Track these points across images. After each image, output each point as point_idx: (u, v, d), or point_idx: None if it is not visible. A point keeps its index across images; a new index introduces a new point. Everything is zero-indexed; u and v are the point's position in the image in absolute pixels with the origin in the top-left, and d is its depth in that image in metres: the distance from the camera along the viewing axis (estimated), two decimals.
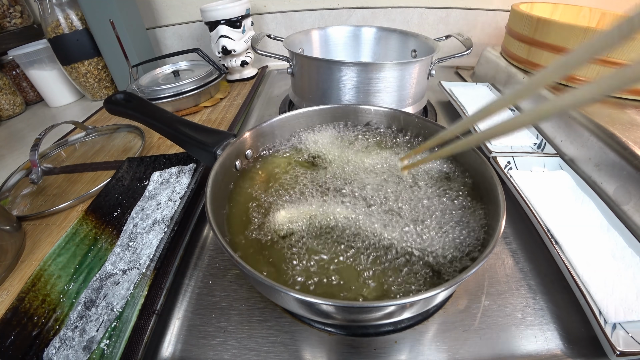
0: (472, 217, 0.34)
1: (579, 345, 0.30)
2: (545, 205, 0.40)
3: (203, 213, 0.45)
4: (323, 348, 0.31)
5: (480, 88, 0.70)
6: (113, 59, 0.82)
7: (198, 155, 0.43)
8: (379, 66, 0.55)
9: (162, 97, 0.70)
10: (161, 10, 0.92)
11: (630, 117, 0.47)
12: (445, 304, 0.34)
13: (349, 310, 0.25)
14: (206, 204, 0.31)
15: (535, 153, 0.49)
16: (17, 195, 0.53)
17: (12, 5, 0.82)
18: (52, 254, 0.38)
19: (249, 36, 0.82)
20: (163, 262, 0.37)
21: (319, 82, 0.59)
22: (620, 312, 0.29)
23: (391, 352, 0.30)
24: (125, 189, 0.48)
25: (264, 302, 0.35)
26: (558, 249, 0.35)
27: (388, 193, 0.37)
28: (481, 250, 0.30)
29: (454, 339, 0.31)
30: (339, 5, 0.91)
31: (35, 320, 0.32)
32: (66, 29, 0.77)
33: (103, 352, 0.29)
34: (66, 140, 0.65)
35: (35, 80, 0.84)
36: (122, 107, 0.48)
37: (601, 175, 0.43)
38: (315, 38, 0.74)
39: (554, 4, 0.73)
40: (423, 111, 0.67)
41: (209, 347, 0.31)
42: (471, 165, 0.38)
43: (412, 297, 0.23)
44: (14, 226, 0.43)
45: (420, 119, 0.45)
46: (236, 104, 0.75)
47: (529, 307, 0.33)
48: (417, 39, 0.68)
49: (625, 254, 0.35)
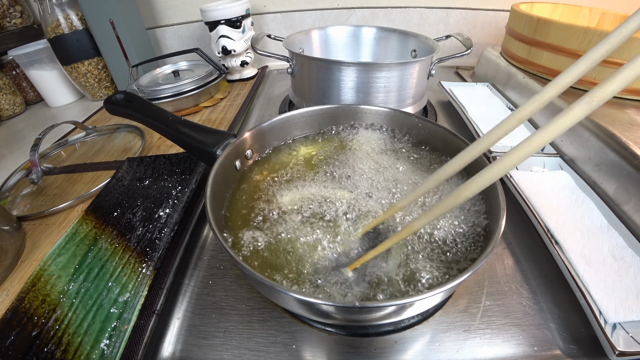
0: (472, 217, 0.34)
1: (578, 345, 0.30)
2: (545, 205, 0.40)
3: (203, 213, 0.45)
4: (323, 348, 0.31)
5: (480, 88, 0.70)
6: (113, 59, 0.82)
7: (198, 155, 0.43)
8: (379, 66, 0.55)
9: (162, 97, 0.70)
10: (161, 10, 0.92)
11: (630, 117, 0.47)
12: (445, 304, 0.34)
13: (348, 311, 0.25)
14: (206, 204, 0.31)
15: (535, 153, 0.49)
16: (17, 195, 0.53)
17: (12, 5, 0.82)
18: (52, 254, 0.38)
19: (249, 36, 0.82)
20: (163, 262, 0.37)
21: (319, 82, 0.59)
22: (620, 312, 0.29)
23: (391, 352, 0.30)
24: (125, 189, 0.48)
25: (264, 302, 0.35)
26: (558, 249, 0.35)
27: (387, 194, 0.37)
28: (481, 250, 0.30)
29: (454, 339, 0.31)
30: (339, 5, 0.91)
31: (35, 320, 0.32)
32: (66, 29, 0.77)
33: (103, 352, 0.29)
34: (66, 140, 0.65)
35: (35, 80, 0.84)
36: (122, 107, 0.48)
37: (601, 175, 0.43)
38: (315, 38, 0.74)
39: (554, 4, 0.73)
40: (423, 111, 0.67)
41: (209, 347, 0.31)
42: (471, 165, 0.38)
43: (412, 297, 0.23)
44: (14, 226, 0.43)
45: (420, 119, 0.45)
46: (236, 104, 0.75)
47: (529, 307, 0.33)
48: (417, 39, 0.68)
49: (625, 254, 0.35)
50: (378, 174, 0.40)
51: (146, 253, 0.38)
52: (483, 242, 0.31)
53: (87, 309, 0.33)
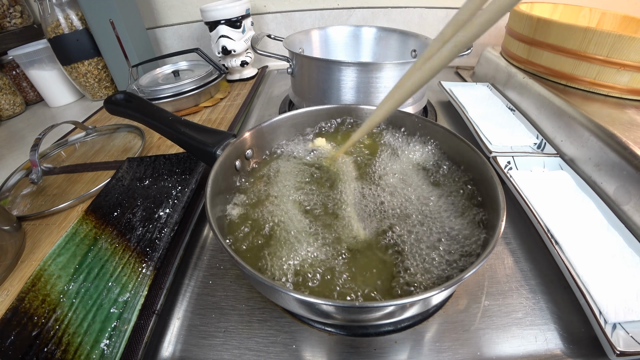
0: (472, 217, 0.34)
1: (579, 345, 0.30)
2: (545, 205, 0.40)
3: (203, 213, 0.45)
4: (323, 348, 0.31)
5: (480, 88, 0.70)
6: (113, 59, 0.82)
7: (198, 155, 0.43)
8: (379, 66, 0.55)
9: (162, 97, 0.70)
10: (161, 10, 0.92)
11: (630, 117, 0.47)
12: (445, 304, 0.34)
13: (349, 311, 0.25)
14: (206, 204, 0.31)
15: (535, 153, 0.49)
16: (17, 195, 0.53)
17: (12, 5, 0.82)
18: (52, 254, 0.38)
19: (249, 36, 0.82)
20: (163, 262, 0.37)
21: (319, 82, 0.59)
22: (620, 312, 0.29)
23: (391, 352, 0.30)
24: (125, 189, 0.48)
25: (264, 302, 0.35)
26: (558, 249, 0.35)
27: (385, 195, 0.37)
28: (481, 250, 0.30)
29: (454, 339, 0.31)
30: (339, 5, 0.91)
31: (35, 320, 0.32)
32: (66, 29, 0.77)
33: (103, 352, 0.29)
34: (66, 140, 0.65)
35: (35, 80, 0.84)
36: (122, 107, 0.48)
37: (601, 175, 0.43)
38: (315, 38, 0.74)
39: (554, 4, 0.73)
40: (423, 111, 0.67)
41: (209, 347, 0.31)
42: (471, 165, 0.38)
43: (412, 297, 0.23)
44: (14, 226, 0.43)
45: (420, 119, 0.45)
46: (236, 104, 0.75)
47: (529, 307, 0.33)
48: (417, 39, 0.68)
49: (625, 254, 0.35)
50: (377, 174, 0.40)
51: (146, 253, 0.38)
52: (483, 242, 0.31)
53: (87, 309, 0.33)
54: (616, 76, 0.51)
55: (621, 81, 0.51)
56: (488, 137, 0.52)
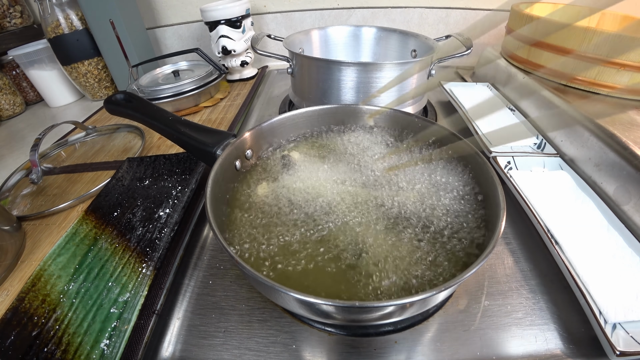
0: (472, 217, 0.34)
1: (579, 345, 0.30)
2: (545, 205, 0.40)
3: (203, 213, 0.45)
4: (323, 348, 0.31)
5: (480, 88, 0.70)
6: (113, 59, 0.82)
7: (198, 155, 0.43)
8: (379, 66, 0.55)
9: (162, 97, 0.70)
10: (161, 10, 0.92)
11: (630, 117, 0.47)
12: (445, 304, 0.34)
13: (349, 310, 0.25)
14: (206, 204, 0.31)
15: (535, 153, 0.49)
16: (17, 195, 0.53)
17: (12, 5, 0.82)
18: (52, 254, 0.38)
19: (249, 36, 0.82)
20: (163, 262, 0.37)
21: (319, 82, 0.59)
22: (620, 312, 0.29)
23: (391, 352, 0.30)
24: (125, 189, 0.48)
25: (264, 302, 0.35)
26: (558, 249, 0.35)
27: (384, 196, 0.37)
28: (481, 250, 0.30)
29: (454, 339, 0.31)
30: (339, 5, 0.91)
31: (35, 320, 0.32)
32: (66, 29, 0.77)
33: (103, 352, 0.29)
34: (66, 140, 0.65)
35: (35, 80, 0.84)
36: (122, 107, 0.48)
37: (601, 175, 0.43)
38: (315, 38, 0.74)
39: (554, 4, 0.73)
40: (423, 111, 0.67)
41: (209, 347, 0.31)
42: (471, 165, 0.38)
43: (412, 297, 0.23)
44: (14, 226, 0.43)
45: (420, 119, 0.45)
46: (236, 104, 0.75)
47: (529, 307, 0.33)
48: (417, 39, 0.68)
49: (625, 254, 0.35)
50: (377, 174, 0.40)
51: (146, 253, 0.38)
52: (483, 242, 0.31)
53: (87, 309, 0.33)
54: (616, 76, 0.51)
55: (621, 81, 0.51)
56: (488, 137, 0.52)
